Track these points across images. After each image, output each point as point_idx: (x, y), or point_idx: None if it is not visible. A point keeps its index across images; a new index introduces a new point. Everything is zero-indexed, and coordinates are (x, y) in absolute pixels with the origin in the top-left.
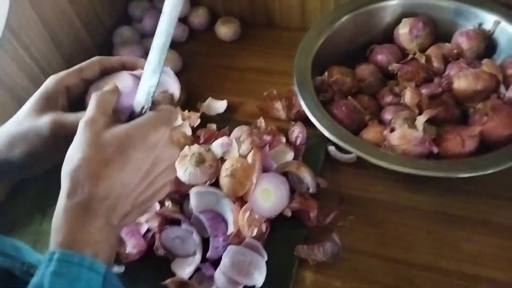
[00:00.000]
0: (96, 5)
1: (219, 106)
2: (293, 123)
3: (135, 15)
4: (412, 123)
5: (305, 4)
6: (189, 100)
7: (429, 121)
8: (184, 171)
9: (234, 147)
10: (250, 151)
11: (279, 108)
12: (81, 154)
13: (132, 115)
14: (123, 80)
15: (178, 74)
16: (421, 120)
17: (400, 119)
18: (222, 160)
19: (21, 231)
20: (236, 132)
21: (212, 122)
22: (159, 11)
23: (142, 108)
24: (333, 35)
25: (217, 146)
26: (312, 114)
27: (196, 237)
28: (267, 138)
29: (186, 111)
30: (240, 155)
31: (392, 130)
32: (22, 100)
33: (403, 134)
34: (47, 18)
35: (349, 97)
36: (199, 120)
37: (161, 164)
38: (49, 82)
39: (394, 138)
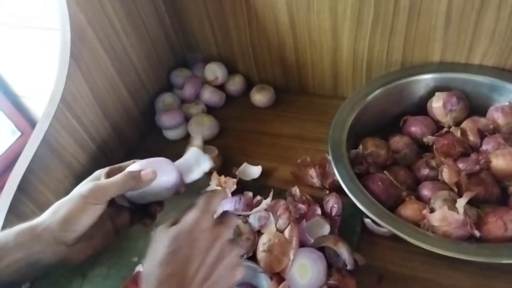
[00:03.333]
0: (142, 76)
1: (254, 171)
2: (328, 192)
3: (176, 83)
4: (452, 205)
5: (338, 73)
6: (225, 164)
7: (468, 201)
8: None
9: (272, 221)
10: (287, 226)
11: (313, 176)
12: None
13: None
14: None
15: (215, 138)
16: (461, 202)
17: (439, 200)
18: (259, 232)
19: None
20: (273, 205)
21: (247, 187)
22: (198, 79)
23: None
24: (366, 108)
25: (254, 219)
26: (348, 189)
27: None
28: (303, 207)
29: (223, 176)
30: (277, 229)
31: (432, 210)
32: (71, 165)
33: (444, 216)
34: (98, 90)
35: (385, 172)
36: (235, 186)
37: (208, 250)
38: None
39: (434, 219)
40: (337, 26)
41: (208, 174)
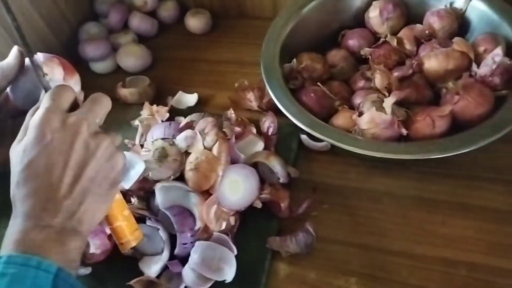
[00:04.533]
0: (59, 3)
1: (190, 99)
2: (265, 113)
3: (101, 11)
4: (380, 106)
5: None
6: (159, 95)
7: (400, 104)
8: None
9: (199, 139)
10: (215, 143)
11: (251, 99)
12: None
13: None
14: None
15: (148, 69)
16: (389, 102)
17: (368, 102)
18: (187, 153)
19: None
20: (201, 124)
21: (183, 116)
22: (126, 6)
23: None
24: (302, 21)
25: (181, 139)
26: (280, 102)
27: (163, 234)
28: (238, 129)
29: (155, 105)
30: (205, 148)
31: (361, 114)
32: None
33: (371, 117)
34: (5, 18)
35: (318, 83)
36: (167, 114)
37: (68, 150)
38: None
39: (363, 122)
40: None
41: (140, 105)
